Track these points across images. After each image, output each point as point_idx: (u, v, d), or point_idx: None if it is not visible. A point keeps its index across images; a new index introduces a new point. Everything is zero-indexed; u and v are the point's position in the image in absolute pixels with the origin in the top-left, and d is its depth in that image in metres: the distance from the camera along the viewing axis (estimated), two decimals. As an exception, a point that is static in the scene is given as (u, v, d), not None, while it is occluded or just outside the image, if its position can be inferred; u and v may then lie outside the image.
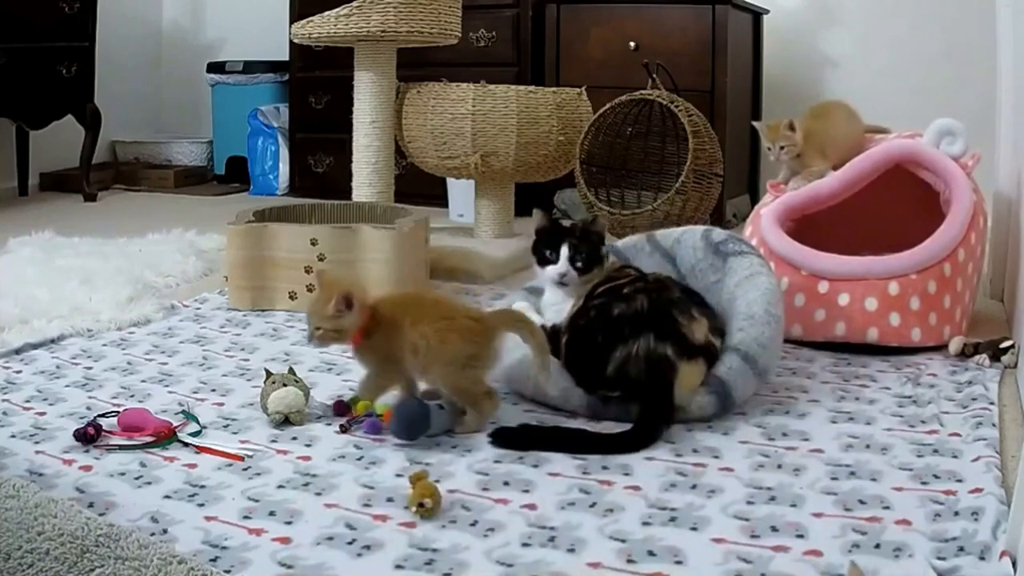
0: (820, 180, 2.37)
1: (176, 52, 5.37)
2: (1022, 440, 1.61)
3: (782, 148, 2.39)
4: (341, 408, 1.70)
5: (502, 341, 1.66)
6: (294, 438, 1.60)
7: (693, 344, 1.69)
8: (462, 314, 1.65)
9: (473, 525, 1.29)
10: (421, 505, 1.31)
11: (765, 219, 2.32)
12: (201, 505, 1.34)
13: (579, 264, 1.82)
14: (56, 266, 2.71)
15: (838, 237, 2.36)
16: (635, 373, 1.65)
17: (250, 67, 4.84)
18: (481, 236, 3.33)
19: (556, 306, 1.87)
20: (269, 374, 1.71)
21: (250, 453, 1.53)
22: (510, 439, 1.57)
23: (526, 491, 1.41)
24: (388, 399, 1.68)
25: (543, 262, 1.86)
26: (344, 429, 1.61)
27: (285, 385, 1.66)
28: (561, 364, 1.76)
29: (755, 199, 4.06)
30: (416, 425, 1.55)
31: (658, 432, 1.60)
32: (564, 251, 1.83)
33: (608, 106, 3.42)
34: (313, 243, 2.41)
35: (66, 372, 1.94)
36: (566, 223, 1.91)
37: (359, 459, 1.51)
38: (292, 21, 3.76)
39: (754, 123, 2.55)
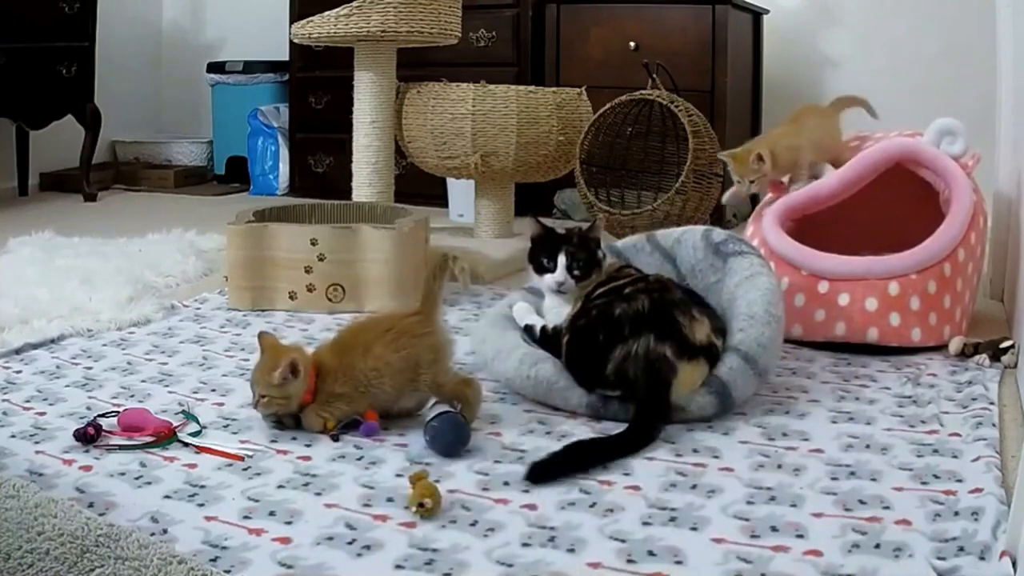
0: (820, 180, 2.36)
1: (176, 52, 5.38)
2: (1022, 440, 1.61)
3: (752, 182, 2.33)
4: None
5: (443, 318, 1.69)
6: (294, 438, 1.60)
7: (694, 344, 1.69)
8: (400, 317, 1.66)
9: (473, 525, 1.29)
10: (421, 505, 1.30)
11: (767, 219, 2.31)
12: (201, 505, 1.34)
13: (576, 272, 1.82)
14: (56, 266, 2.71)
15: (838, 237, 2.36)
16: (633, 373, 1.65)
17: (250, 67, 4.84)
18: (481, 236, 3.33)
19: (556, 309, 1.87)
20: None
21: (250, 453, 1.53)
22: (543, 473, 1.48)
23: (526, 491, 1.40)
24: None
25: (540, 270, 1.86)
26: (335, 438, 1.60)
27: None
28: (562, 364, 1.77)
29: (755, 199, 4.06)
30: (461, 442, 1.54)
31: (656, 431, 1.60)
32: (561, 259, 1.82)
33: (608, 106, 3.42)
34: (313, 243, 2.41)
35: (66, 372, 1.94)
36: (562, 229, 1.90)
37: (359, 459, 1.51)
38: (292, 21, 3.76)
39: (720, 155, 2.44)
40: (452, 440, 1.53)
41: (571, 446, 1.55)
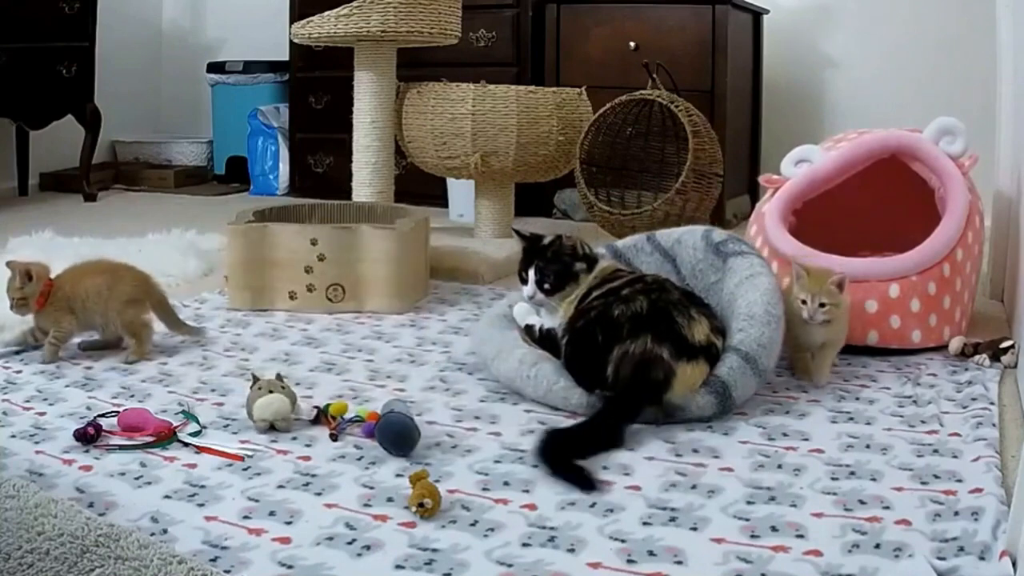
0: (815, 164, 2.33)
1: (176, 52, 5.38)
2: (1022, 440, 1.62)
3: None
4: (317, 417, 1.67)
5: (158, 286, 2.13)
6: (294, 438, 1.60)
7: (693, 344, 1.69)
8: (125, 268, 2.11)
9: (473, 525, 1.29)
10: (421, 505, 1.31)
11: (769, 218, 2.30)
12: (201, 505, 1.34)
13: (546, 286, 1.85)
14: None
15: (837, 237, 2.36)
16: (623, 372, 1.65)
17: (250, 67, 4.84)
18: (481, 236, 3.34)
19: (552, 312, 1.88)
20: (255, 379, 1.70)
21: (250, 453, 1.53)
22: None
23: (526, 491, 1.41)
24: (372, 405, 1.68)
25: (522, 281, 1.90)
26: (334, 437, 1.60)
27: (271, 392, 1.64)
28: (561, 364, 1.77)
29: (755, 199, 4.07)
30: (406, 441, 1.54)
31: (621, 431, 1.58)
32: (531, 274, 1.86)
33: (608, 106, 3.43)
34: (313, 243, 2.41)
35: (66, 372, 1.94)
36: (549, 237, 1.92)
37: (359, 459, 1.51)
38: (292, 21, 3.76)
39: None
40: (393, 438, 1.52)
41: (549, 444, 1.52)
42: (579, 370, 1.73)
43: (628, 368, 1.65)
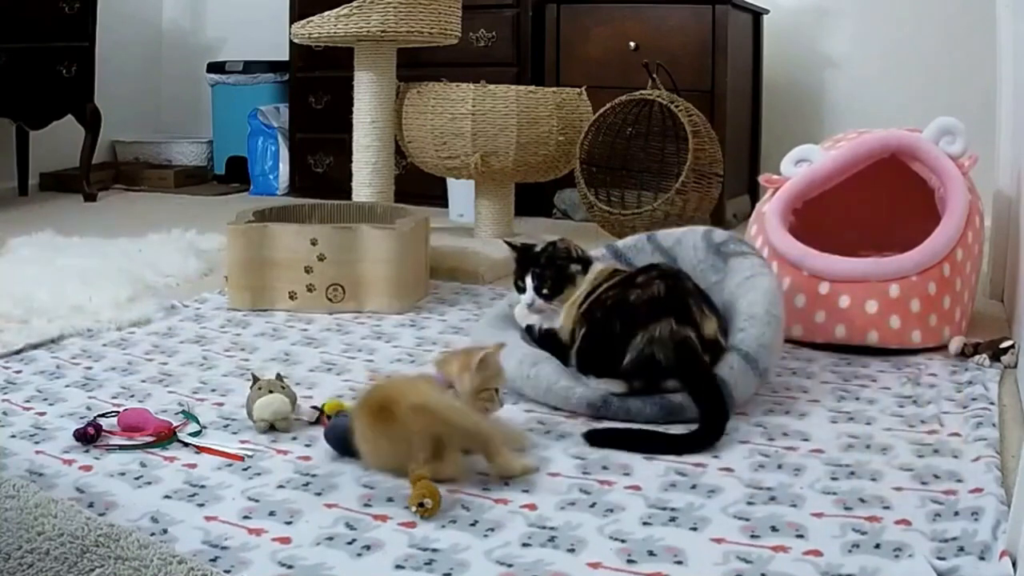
0: (815, 164, 2.33)
1: (176, 52, 5.37)
2: (1022, 440, 1.61)
3: None
4: (318, 418, 1.66)
5: None
6: (294, 438, 1.60)
7: (704, 337, 1.70)
8: None
9: (473, 525, 1.29)
10: (421, 505, 1.31)
11: (769, 218, 2.30)
12: (201, 505, 1.34)
13: (545, 291, 1.86)
14: (56, 266, 2.71)
15: (837, 237, 2.36)
16: (662, 356, 1.66)
17: (250, 67, 4.84)
18: (481, 236, 3.33)
19: (553, 316, 1.89)
20: (255, 379, 1.69)
21: (250, 453, 1.53)
22: (601, 439, 1.59)
23: (526, 491, 1.41)
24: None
25: (519, 290, 1.91)
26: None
27: (271, 392, 1.64)
28: (574, 361, 1.77)
29: (755, 199, 4.06)
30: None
31: (723, 426, 1.61)
32: (529, 281, 1.86)
33: (608, 106, 3.43)
34: (313, 243, 2.41)
35: (66, 372, 1.94)
36: (541, 244, 1.93)
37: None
38: (292, 21, 3.76)
39: None
40: (336, 441, 1.52)
41: (641, 432, 1.62)
42: (593, 359, 1.74)
43: (666, 353, 1.66)
